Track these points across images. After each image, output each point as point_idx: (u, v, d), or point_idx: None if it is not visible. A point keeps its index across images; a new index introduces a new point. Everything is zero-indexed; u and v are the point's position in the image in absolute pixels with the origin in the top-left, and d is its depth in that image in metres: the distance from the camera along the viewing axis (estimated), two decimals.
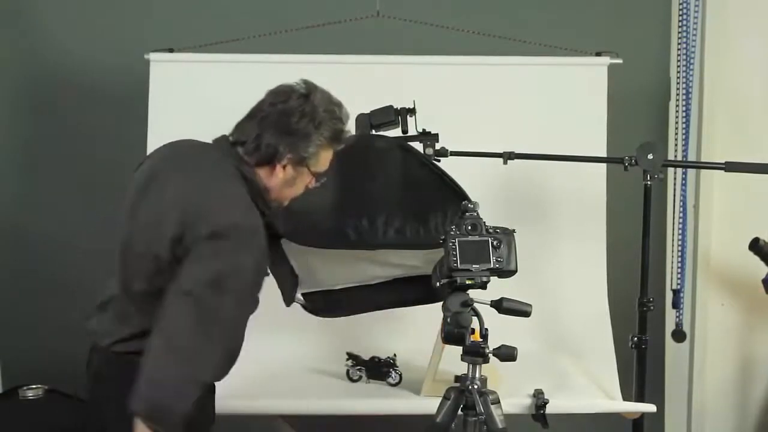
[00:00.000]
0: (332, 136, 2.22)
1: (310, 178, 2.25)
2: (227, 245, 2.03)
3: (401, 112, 2.71)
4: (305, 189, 2.28)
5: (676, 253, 3.50)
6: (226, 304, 2.01)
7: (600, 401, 2.83)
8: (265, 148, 2.17)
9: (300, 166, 2.21)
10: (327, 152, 2.23)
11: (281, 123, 2.18)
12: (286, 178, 2.21)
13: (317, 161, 2.22)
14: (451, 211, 2.50)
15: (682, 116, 3.47)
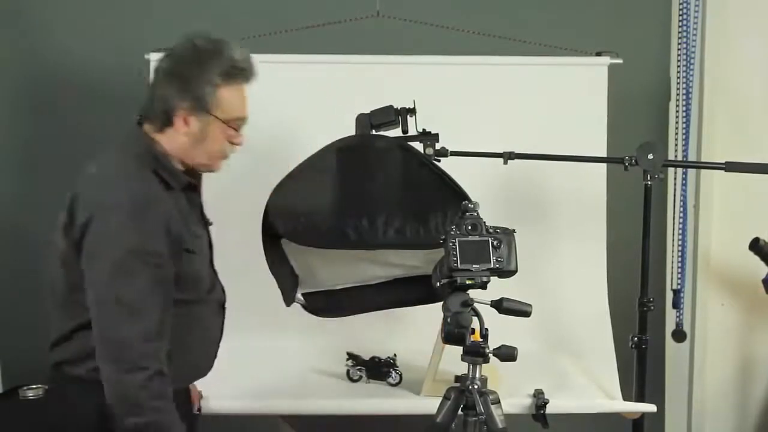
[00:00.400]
0: (225, 72, 2.09)
1: (222, 127, 2.13)
2: (105, 228, 1.98)
3: (401, 112, 2.71)
4: (229, 142, 2.17)
5: (676, 253, 3.50)
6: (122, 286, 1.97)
7: (600, 401, 2.83)
8: (158, 105, 2.09)
9: (201, 114, 2.09)
10: (229, 92, 2.11)
11: (167, 74, 2.09)
12: (191, 131, 2.10)
13: (219, 104, 2.10)
14: (451, 211, 2.49)
15: (682, 116, 3.47)
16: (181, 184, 2.14)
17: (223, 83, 2.10)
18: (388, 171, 2.62)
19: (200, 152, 2.15)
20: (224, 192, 3.08)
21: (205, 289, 2.20)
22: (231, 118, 2.13)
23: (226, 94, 2.11)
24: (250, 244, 2.61)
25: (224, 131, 2.14)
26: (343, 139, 2.66)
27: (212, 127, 2.12)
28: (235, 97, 2.13)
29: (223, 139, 2.15)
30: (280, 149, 3.05)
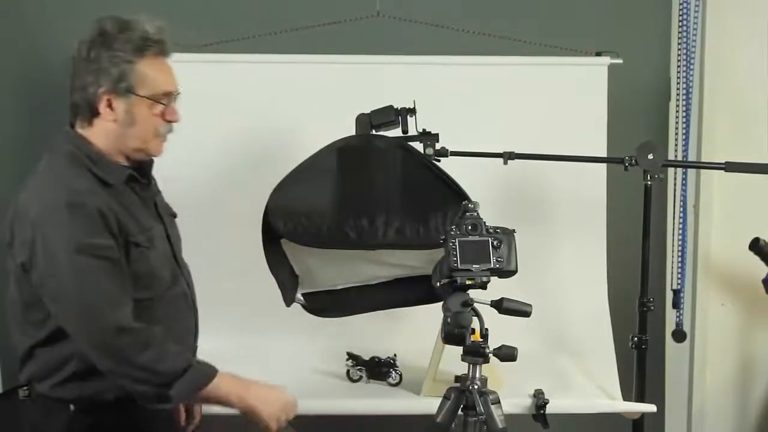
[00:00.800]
0: (138, 47, 2.03)
1: (149, 104, 2.06)
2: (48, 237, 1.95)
3: (401, 112, 2.71)
4: (163, 120, 2.10)
5: (676, 253, 3.50)
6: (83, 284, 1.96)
7: (600, 401, 2.83)
8: (79, 95, 2.04)
9: (123, 95, 2.03)
10: (148, 67, 2.04)
11: (80, 62, 2.03)
12: (118, 117, 2.04)
13: (140, 81, 2.03)
14: (451, 211, 2.50)
15: (682, 116, 3.47)
16: (120, 178, 2.08)
17: (138, 59, 2.03)
18: (388, 171, 2.62)
19: (132, 137, 2.07)
20: (224, 192, 3.09)
21: (164, 285, 2.14)
22: (156, 94, 2.06)
23: (146, 69, 2.04)
24: (250, 244, 2.61)
25: (152, 109, 2.07)
26: (344, 139, 2.66)
27: (138, 107, 2.05)
28: (156, 70, 2.06)
29: (154, 117, 2.08)
30: (280, 149, 3.05)
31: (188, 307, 2.24)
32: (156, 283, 2.11)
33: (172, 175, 3.04)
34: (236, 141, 3.12)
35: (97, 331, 1.97)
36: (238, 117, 3.13)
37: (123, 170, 2.09)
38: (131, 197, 2.11)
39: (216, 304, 3.00)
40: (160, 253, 2.14)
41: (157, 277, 2.11)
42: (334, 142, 2.64)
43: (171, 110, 2.10)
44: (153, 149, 2.12)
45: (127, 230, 2.03)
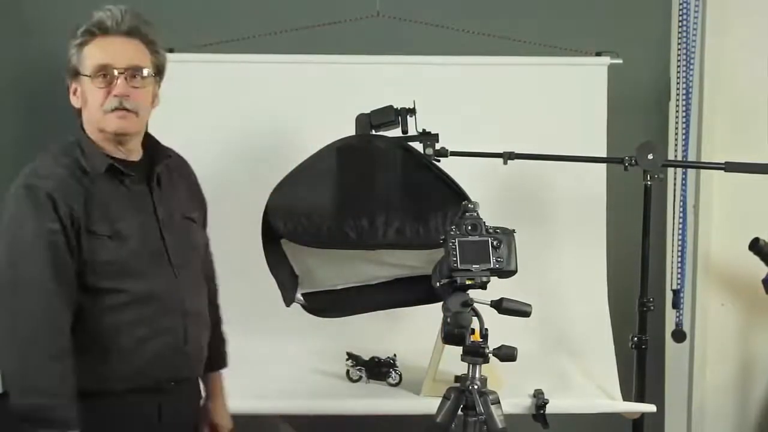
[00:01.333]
0: (84, 32, 2.13)
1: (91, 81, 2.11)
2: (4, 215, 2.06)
3: (401, 112, 2.71)
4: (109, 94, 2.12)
5: (676, 253, 3.49)
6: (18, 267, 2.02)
7: (600, 401, 2.84)
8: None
9: (77, 79, 2.14)
10: (90, 48, 2.12)
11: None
12: (81, 100, 2.14)
13: (83, 61, 2.12)
14: (451, 212, 2.50)
15: (682, 116, 3.47)
16: (99, 169, 2.11)
17: (84, 43, 2.12)
18: (388, 171, 2.62)
19: (90, 117, 2.14)
20: (224, 192, 3.08)
21: (137, 283, 2.11)
22: (93, 69, 2.11)
23: (88, 50, 2.12)
24: (250, 244, 2.61)
25: (95, 84, 2.12)
26: (343, 139, 2.66)
27: (86, 86, 2.12)
28: (96, 49, 2.12)
29: (98, 92, 2.12)
30: (280, 149, 3.05)
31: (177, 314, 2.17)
32: (126, 278, 2.10)
33: None
34: (236, 141, 3.12)
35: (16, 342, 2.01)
36: (238, 117, 3.13)
37: (104, 160, 2.12)
38: (111, 188, 2.12)
39: None
40: (136, 249, 2.12)
41: (128, 272, 2.10)
42: (334, 142, 2.65)
43: (118, 84, 2.12)
44: (107, 125, 2.13)
45: (88, 218, 2.06)
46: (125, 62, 2.12)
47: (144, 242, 2.13)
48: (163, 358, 2.15)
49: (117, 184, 2.13)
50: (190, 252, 2.24)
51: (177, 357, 2.17)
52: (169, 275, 2.16)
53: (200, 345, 2.24)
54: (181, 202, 2.26)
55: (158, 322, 2.13)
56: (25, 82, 3.39)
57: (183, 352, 2.18)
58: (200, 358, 2.27)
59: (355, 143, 2.67)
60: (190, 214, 2.28)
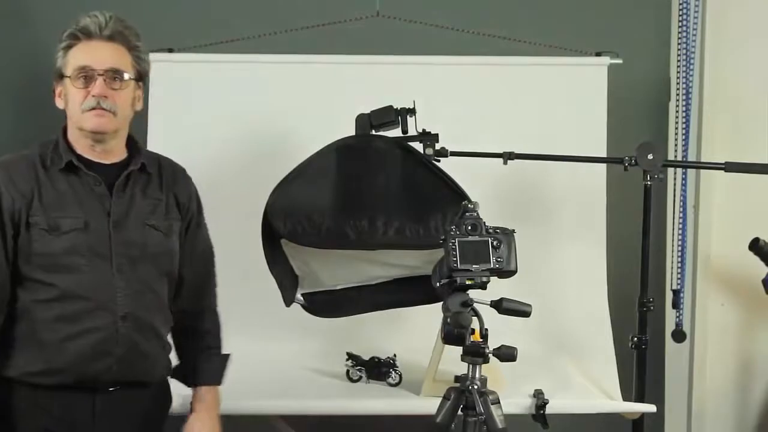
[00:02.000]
0: (68, 36, 2.21)
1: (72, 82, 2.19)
2: None
3: (401, 112, 2.71)
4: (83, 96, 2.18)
5: (676, 253, 3.50)
6: None
7: (600, 401, 2.84)
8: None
9: (61, 81, 2.21)
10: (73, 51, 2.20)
11: None
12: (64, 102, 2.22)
13: (66, 64, 2.20)
14: (451, 212, 2.49)
15: (682, 116, 3.47)
16: (57, 164, 2.18)
17: (69, 47, 2.20)
18: (388, 171, 2.62)
19: (70, 117, 2.21)
20: (224, 192, 3.09)
21: (66, 279, 2.13)
22: (74, 71, 2.19)
23: (71, 54, 2.20)
24: (250, 244, 2.61)
25: (74, 85, 2.18)
26: (343, 139, 2.66)
27: (67, 88, 2.20)
28: (79, 52, 2.20)
29: (77, 93, 2.19)
30: (280, 149, 3.05)
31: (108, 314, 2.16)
32: (57, 272, 2.13)
33: None
34: (236, 141, 3.12)
35: None
36: (238, 117, 3.13)
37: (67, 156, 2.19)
38: (65, 185, 2.18)
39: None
40: (74, 244, 2.14)
41: (60, 266, 2.13)
42: (334, 142, 2.64)
43: (96, 85, 2.18)
44: (84, 124, 2.19)
45: (29, 209, 2.13)
46: (105, 65, 2.19)
47: (86, 240, 2.15)
48: (86, 358, 2.14)
49: (75, 182, 2.18)
50: (141, 258, 2.22)
51: (102, 359, 2.15)
52: (106, 275, 2.16)
53: (139, 351, 2.20)
54: (147, 209, 2.26)
55: (86, 322, 2.13)
56: (21, 81, 3.39)
57: (110, 354, 2.15)
58: (141, 364, 2.22)
59: (355, 143, 2.67)
60: (153, 222, 2.26)
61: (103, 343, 2.14)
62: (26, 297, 2.14)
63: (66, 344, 2.12)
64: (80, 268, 2.14)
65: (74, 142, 2.22)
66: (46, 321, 2.12)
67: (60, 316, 2.12)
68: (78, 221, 2.15)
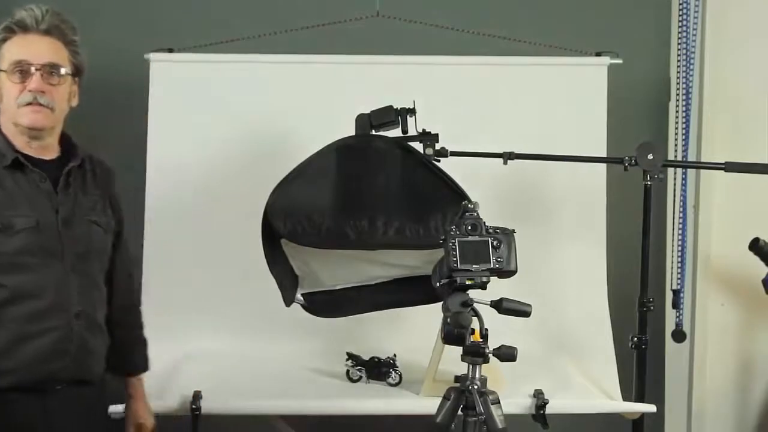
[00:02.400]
0: (5, 29, 2.17)
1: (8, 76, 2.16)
2: None
3: (401, 112, 2.71)
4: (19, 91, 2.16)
5: (676, 253, 3.50)
6: None
7: (600, 401, 2.83)
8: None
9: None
10: (10, 44, 2.17)
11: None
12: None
13: (1, 58, 2.16)
14: (451, 212, 2.49)
15: (682, 116, 3.47)
16: (4, 161, 2.14)
17: (4, 40, 2.17)
18: (388, 171, 2.62)
19: (6, 110, 2.17)
20: (224, 192, 3.09)
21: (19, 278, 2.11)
22: (9, 64, 2.16)
23: (6, 47, 2.17)
24: (250, 244, 2.61)
25: (9, 80, 2.16)
26: (343, 139, 2.66)
27: (2, 81, 2.16)
28: (15, 45, 2.17)
29: (13, 87, 2.16)
30: (279, 149, 3.05)
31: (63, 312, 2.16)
32: (10, 272, 2.10)
33: (171, 176, 3.07)
34: (236, 141, 3.12)
35: None
36: (238, 117, 3.13)
37: (11, 153, 2.15)
38: (12, 182, 2.14)
39: (216, 304, 3.03)
40: (27, 243, 2.12)
41: (13, 266, 2.10)
42: (334, 142, 2.64)
43: (33, 80, 2.16)
44: (21, 119, 2.17)
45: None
46: (42, 59, 2.17)
47: (38, 238, 2.13)
48: (43, 358, 2.13)
49: (20, 179, 2.15)
50: (87, 254, 2.23)
51: (59, 358, 2.15)
52: (59, 274, 2.16)
53: (88, 348, 2.21)
54: (88, 205, 2.26)
55: (42, 321, 2.12)
56: None
57: (66, 353, 2.16)
58: (88, 361, 2.23)
59: (355, 143, 2.67)
60: (95, 218, 2.27)
61: (60, 342, 2.14)
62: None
63: (21, 345, 2.10)
64: (33, 267, 2.12)
65: (11, 138, 2.18)
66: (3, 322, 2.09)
67: (17, 317, 2.09)
68: (30, 219, 2.13)
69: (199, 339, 2.84)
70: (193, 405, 2.58)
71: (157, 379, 2.60)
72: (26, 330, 2.10)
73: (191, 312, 3.00)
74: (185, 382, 2.61)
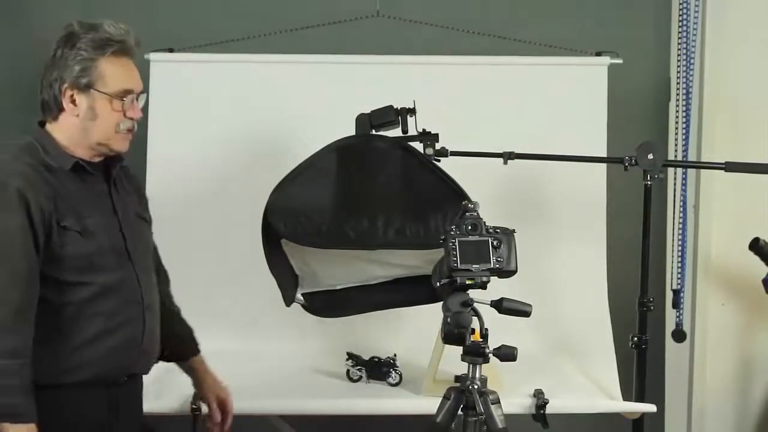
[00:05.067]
0: (96, 45, 2.11)
1: (109, 100, 2.12)
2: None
3: (401, 112, 2.71)
4: (124, 116, 2.14)
5: (676, 253, 3.49)
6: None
7: (600, 401, 2.83)
8: (45, 92, 2.13)
9: (86, 92, 2.11)
10: (110, 65, 2.12)
11: (48, 65, 2.14)
12: (81, 111, 2.12)
13: (101, 79, 2.11)
14: (451, 211, 2.49)
15: (682, 116, 3.47)
16: (65, 165, 2.13)
17: (100, 57, 2.11)
18: (388, 171, 2.62)
19: (95, 131, 2.14)
20: (224, 192, 3.09)
21: (105, 277, 2.14)
22: (116, 91, 2.13)
23: (106, 67, 2.12)
24: (250, 244, 2.61)
25: (112, 105, 2.13)
26: (343, 139, 2.66)
27: (99, 103, 2.12)
28: (117, 69, 2.14)
29: (114, 113, 2.14)
30: (280, 149, 3.05)
31: (138, 306, 2.20)
32: (93, 272, 2.12)
33: (172, 176, 3.07)
34: (236, 141, 3.12)
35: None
36: (238, 117, 3.13)
37: (70, 159, 2.14)
38: (76, 186, 2.15)
39: (216, 304, 3.03)
40: (102, 244, 2.15)
41: (94, 266, 2.13)
42: (334, 142, 2.65)
43: (132, 107, 2.17)
44: (115, 144, 2.17)
45: (59, 213, 2.08)
46: (140, 87, 2.20)
47: (108, 238, 2.17)
48: (120, 351, 2.17)
49: (80, 183, 2.16)
50: (144, 248, 2.29)
51: (134, 350, 2.20)
52: (129, 270, 2.20)
53: (154, 339, 2.26)
54: (133, 203, 2.30)
55: (120, 315, 2.16)
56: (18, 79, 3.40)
57: (139, 345, 2.20)
58: (153, 352, 2.29)
59: (355, 143, 2.67)
60: (143, 214, 2.33)
61: (134, 334, 2.19)
62: (56, 298, 2.08)
63: (104, 339, 2.13)
64: (109, 265, 2.15)
65: (72, 149, 2.15)
66: (84, 318, 2.11)
67: (98, 313, 2.12)
68: (99, 221, 2.15)
69: (199, 339, 2.84)
70: (193, 405, 2.58)
71: (157, 379, 2.60)
72: (109, 325, 2.14)
73: (191, 312, 2.98)
74: (185, 382, 2.60)
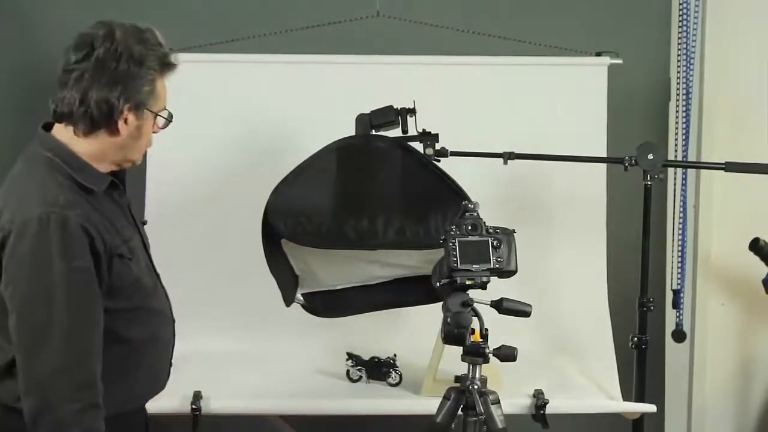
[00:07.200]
0: (161, 64, 1.99)
1: (153, 118, 2.02)
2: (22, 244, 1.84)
3: (401, 112, 2.71)
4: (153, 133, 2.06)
5: (676, 253, 3.49)
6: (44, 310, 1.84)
7: (600, 401, 2.83)
8: (97, 108, 1.92)
9: (140, 112, 1.97)
10: (161, 84, 2.01)
11: (102, 74, 1.92)
12: (130, 131, 1.97)
13: (156, 98, 1.99)
14: (451, 211, 2.49)
15: (682, 116, 3.47)
16: (102, 186, 2.00)
17: (159, 76, 2.01)
18: (388, 171, 2.62)
19: (134, 149, 2.03)
20: (224, 192, 3.09)
21: (147, 296, 2.07)
22: (161, 110, 2.04)
23: (160, 86, 2.02)
24: (250, 244, 2.61)
25: (155, 123, 2.04)
26: (343, 139, 2.66)
27: (147, 121, 2.01)
28: (163, 87, 2.04)
29: (149, 132, 2.05)
30: (279, 149, 3.05)
31: (167, 320, 2.16)
32: (140, 293, 2.04)
33: (172, 176, 3.07)
34: (236, 141, 3.12)
35: (47, 393, 1.84)
36: (238, 117, 3.13)
37: (104, 178, 2.02)
38: (110, 205, 2.03)
39: (216, 304, 3.03)
40: (141, 262, 2.07)
41: (140, 287, 2.04)
42: (334, 142, 2.65)
43: (157, 124, 2.08)
44: (138, 158, 2.08)
45: (113, 244, 1.95)
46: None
47: (142, 256, 2.11)
48: (163, 365, 2.17)
49: (111, 201, 2.05)
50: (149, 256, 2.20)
51: (167, 367, 2.20)
52: (158, 286, 2.16)
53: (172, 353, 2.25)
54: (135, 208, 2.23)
55: (158, 328, 2.12)
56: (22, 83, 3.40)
57: (170, 359, 2.20)
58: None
59: (355, 143, 2.67)
60: (143, 219, 2.29)
61: (169, 350, 2.18)
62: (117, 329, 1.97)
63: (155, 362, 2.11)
64: (150, 284, 2.09)
65: (96, 161, 2.00)
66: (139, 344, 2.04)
67: (148, 337, 2.07)
68: (135, 240, 2.07)
69: (200, 339, 2.84)
70: (193, 405, 2.58)
71: None
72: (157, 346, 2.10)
73: (191, 312, 2.98)
74: (185, 382, 2.61)
